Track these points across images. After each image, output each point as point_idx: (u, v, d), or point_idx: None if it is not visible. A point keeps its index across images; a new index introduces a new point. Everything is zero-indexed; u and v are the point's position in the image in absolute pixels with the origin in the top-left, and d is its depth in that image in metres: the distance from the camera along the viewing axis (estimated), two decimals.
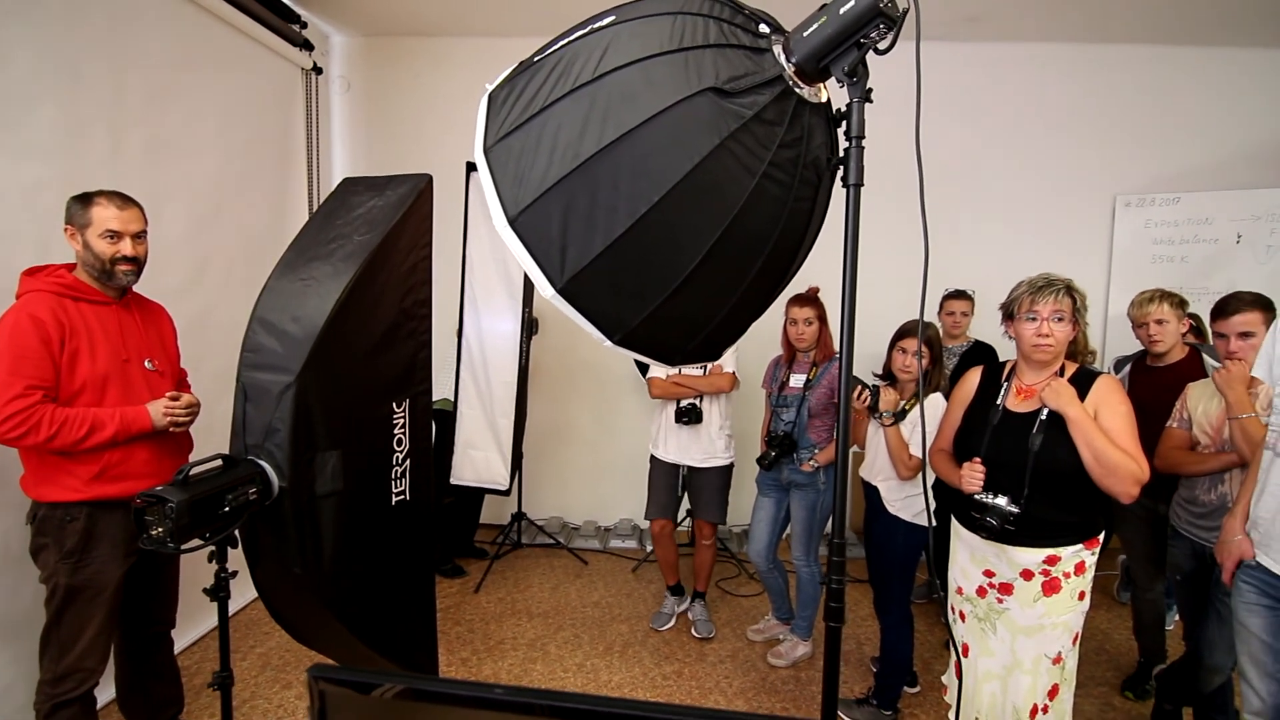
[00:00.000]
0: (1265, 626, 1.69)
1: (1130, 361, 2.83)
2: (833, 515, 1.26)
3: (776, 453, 2.87)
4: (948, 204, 4.37)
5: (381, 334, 1.70)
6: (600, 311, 1.27)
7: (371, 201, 1.76)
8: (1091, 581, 1.85)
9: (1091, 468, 1.71)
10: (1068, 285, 1.81)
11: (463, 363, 3.74)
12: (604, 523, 4.64)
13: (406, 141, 4.31)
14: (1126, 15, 3.98)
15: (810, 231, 1.37)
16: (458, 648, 3.06)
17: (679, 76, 1.16)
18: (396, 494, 1.79)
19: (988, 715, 1.90)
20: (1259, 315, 2.18)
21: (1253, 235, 4.17)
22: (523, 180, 1.21)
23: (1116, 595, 3.71)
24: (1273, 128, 4.41)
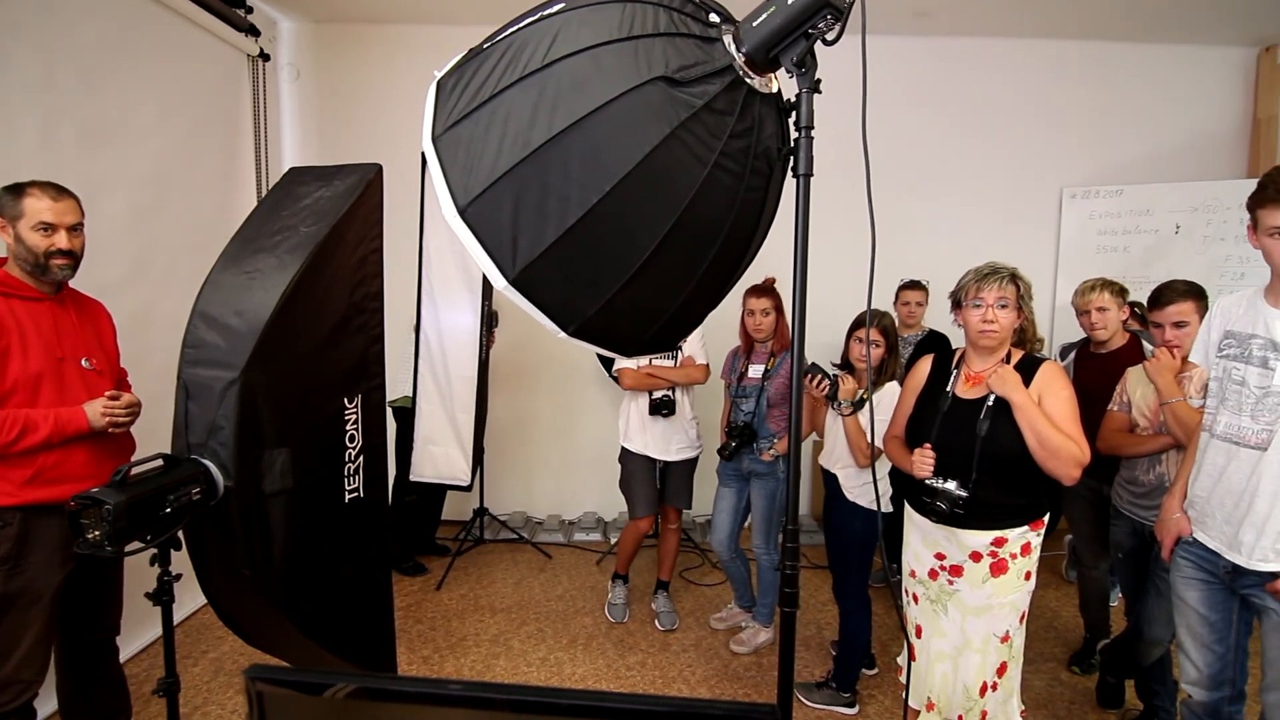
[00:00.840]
0: (1201, 600, 1.77)
1: (1075, 348, 2.92)
2: (786, 503, 1.27)
3: (736, 443, 2.89)
4: (903, 196, 4.45)
5: (331, 328, 1.66)
6: (554, 302, 1.26)
7: (319, 192, 1.71)
8: (1037, 562, 1.91)
9: (1035, 451, 1.76)
10: (1012, 273, 1.86)
11: (421, 358, 3.68)
12: (568, 516, 4.62)
13: (359, 131, 4.20)
14: (1070, 12, 4.10)
15: (763, 222, 1.38)
16: (419, 646, 3.03)
17: (629, 65, 1.15)
18: (350, 491, 1.75)
19: (940, 694, 1.95)
20: (1191, 305, 2.27)
21: (1190, 226, 4.34)
22: (472, 169, 1.19)
23: (1064, 574, 3.84)
24: (1208, 122, 4.60)
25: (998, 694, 1.90)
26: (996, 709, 1.91)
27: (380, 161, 2.16)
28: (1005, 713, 1.92)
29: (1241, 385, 1.65)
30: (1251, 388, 1.62)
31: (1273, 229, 1.55)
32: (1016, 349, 1.93)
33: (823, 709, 2.62)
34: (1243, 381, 1.64)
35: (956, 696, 1.93)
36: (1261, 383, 1.60)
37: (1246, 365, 1.64)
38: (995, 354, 1.90)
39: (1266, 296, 1.66)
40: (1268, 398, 1.59)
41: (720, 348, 3.22)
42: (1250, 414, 1.62)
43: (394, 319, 3.44)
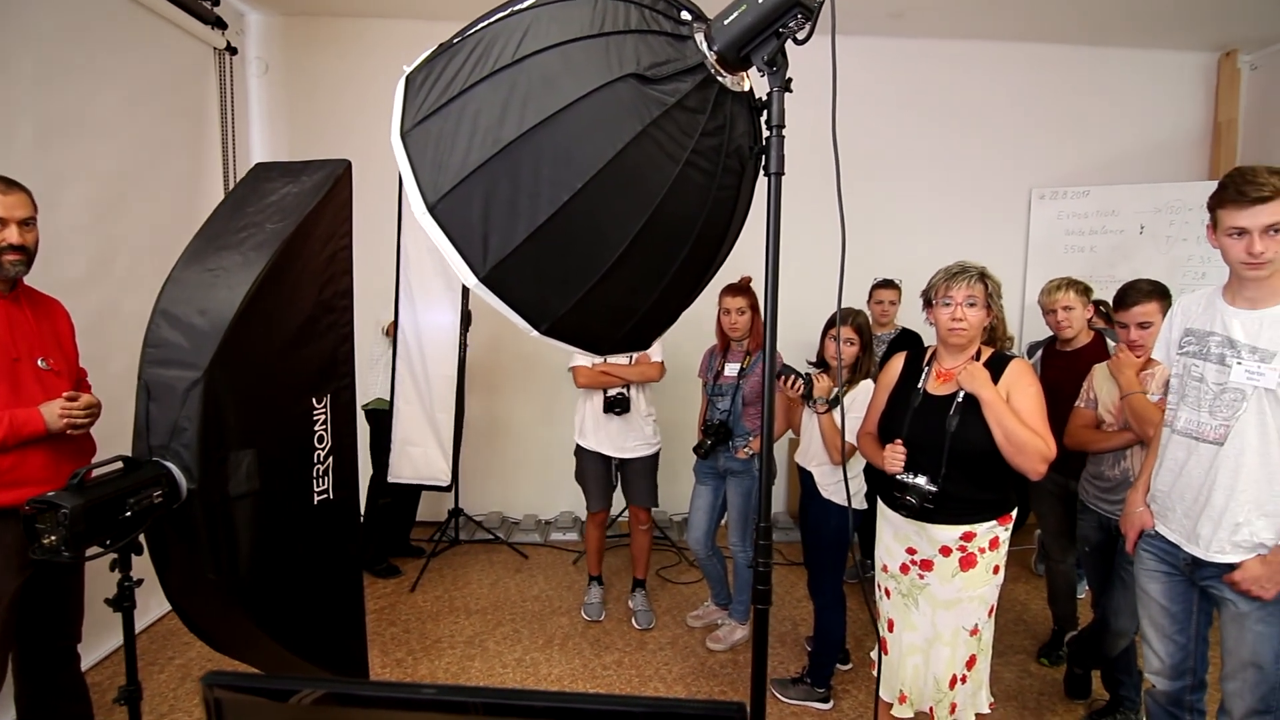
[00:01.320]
0: (1163, 591, 1.81)
1: (1042, 346, 2.98)
2: (759, 500, 1.28)
3: (713, 441, 2.90)
4: (877, 195, 4.49)
5: (298, 327, 1.62)
6: (525, 300, 1.25)
7: (286, 188, 1.67)
8: (1005, 556, 1.94)
9: (1003, 446, 1.79)
10: (981, 272, 1.88)
11: (399, 357, 3.64)
12: (544, 516, 4.60)
13: (331, 126, 4.14)
14: (1039, 17, 4.17)
15: (735, 220, 1.38)
16: (393, 649, 2.99)
17: (600, 61, 1.15)
18: (319, 493, 1.72)
19: (911, 687, 1.98)
20: (1156, 305, 2.32)
21: (1154, 226, 4.45)
22: (442, 166, 1.18)
23: (1033, 568, 3.92)
24: (1171, 126, 4.71)
25: (967, 686, 1.93)
26: (965, 701, 1.94)
27: (352, 158, 2.13)
28: (974, 704, 1.95)
29: (1200, 382, 1.69)
30: (1210, 384, 1.66)
31: (1231, 229, 1.59)
32: (985, 346, 1.96)
33: (798, 704, 2.63)
34: (1201, 378, 1.68)
35: (927, 688, 1.96)
36: (1219, 379, 1.65)
37: (1205, 362, 1.68)
38: (965, 351, 1.93)
39: (1224, 295, 1.70)
40: (1225, 394, 1.63)
41: (696, 347, 3.23)
42: (1209, 410, 1.66)
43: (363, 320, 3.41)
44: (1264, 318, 1.61)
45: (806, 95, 1.68)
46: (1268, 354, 1.58)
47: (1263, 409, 1.58)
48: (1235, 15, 4.10)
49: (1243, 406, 1.60)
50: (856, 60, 4.43)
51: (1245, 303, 1.65)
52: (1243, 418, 1.60)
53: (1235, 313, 1.65)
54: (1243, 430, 1.60)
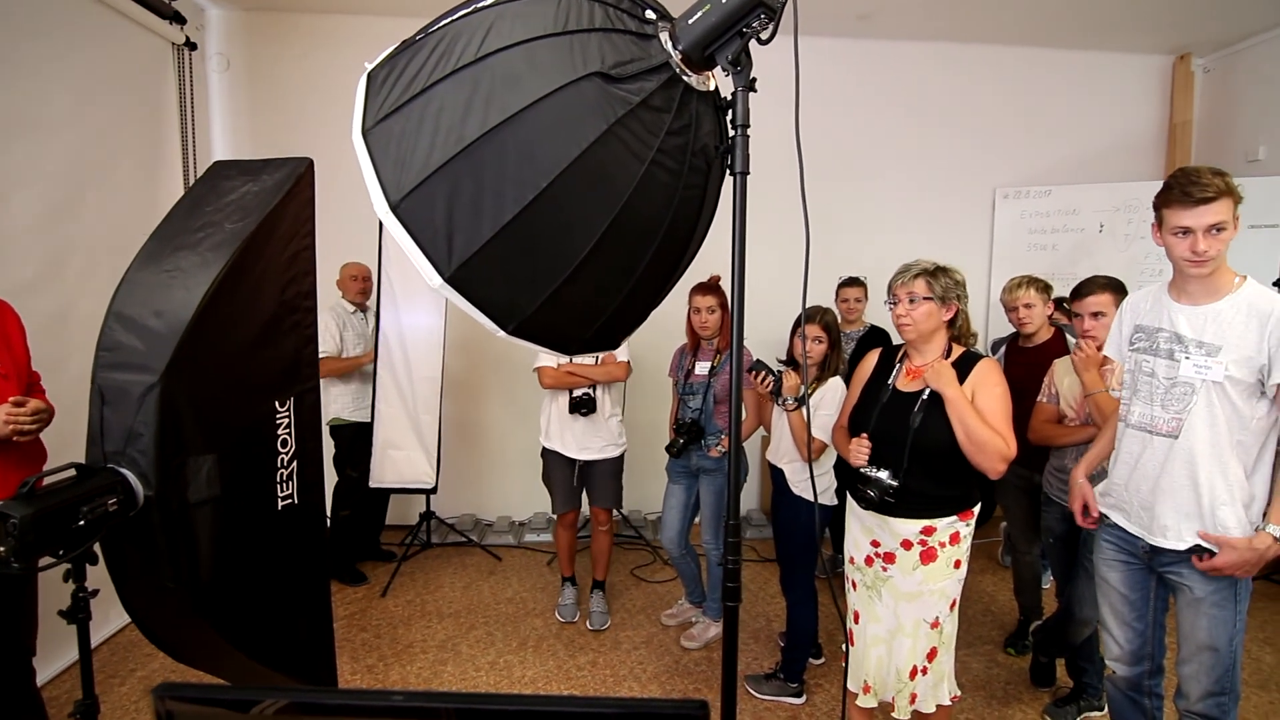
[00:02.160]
0: (1122, 580, 1.86)
1: (1005, 343, 3.04)
2: (727, 498, 1.28)
3: (685, 440, 2.91)
4: (845, 194, 4.55)
5: (260, 328, 1.59)
6: (492, 300, 1.24)
7: (245, 186, 1.64)
8: (968, 551, 1.97)
9: (963, 444, 1.82)
10: (924, 269, 1.91)
11: (380, 361, 3.60)
12: (518, 517, 4.57)
13: (295, 124, 4.07)
14: (1001, 19, 4.26)
15: (702, 219, 1.39)
16: (363, 655, 2.95)
17: (564, 60, 1.14)
18: (283, 498, 1.69)
19: (875, 677, 2.01)
20: (1109, 297, 2.38)
21: (1113, 225, 4.56)
22: (404, 164, 1.16)
23: (1000, 559, 4.00)
24: (1129, 126, 4.84)
25: (928, 678, 1.96)
26: (926, 692, 1.97)
27: (318, 156, 2.09)
28: (935, 696, 1.98)
29: (1152, 376, 1.73)
30: (1160, 378, 1.71)
31: (1176, 228, 1.63)
32: (957, 344, 1.99)
33: (771, 700, 2.65)
34: (1152, 373, 1.73)
35: (889, 679, 1.99)
36: (1169, 374, 1.69)
37: (1155, 357, 1.73)
38: (933, 348, 1.96)
39: (1170, 292, 1.75)
40: (1175, 388, 1.68)
41: (669, 346, 3.23)
42: (1160, 403, 1.71)
43: None
44: (1208, 313, 1.66)
45: (775, 95, 1.69)
46: (1213, 348, 1.63)
47: (1211, 401, 1.63)
48: (1188, 20, 4.23)
49: (1193, 400, 1.65)
50: (825, 61, 4.49)
51: (1190, 299, 1.69)
52: (1194, 411, 1.65)
53: (1181, 309, 1.70)
54: (1194, 423, 1.65)
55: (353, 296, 3.67)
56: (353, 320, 3.66)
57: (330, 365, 3.47)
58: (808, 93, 4.40)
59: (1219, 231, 1.59)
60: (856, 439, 1.95)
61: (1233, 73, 4.59)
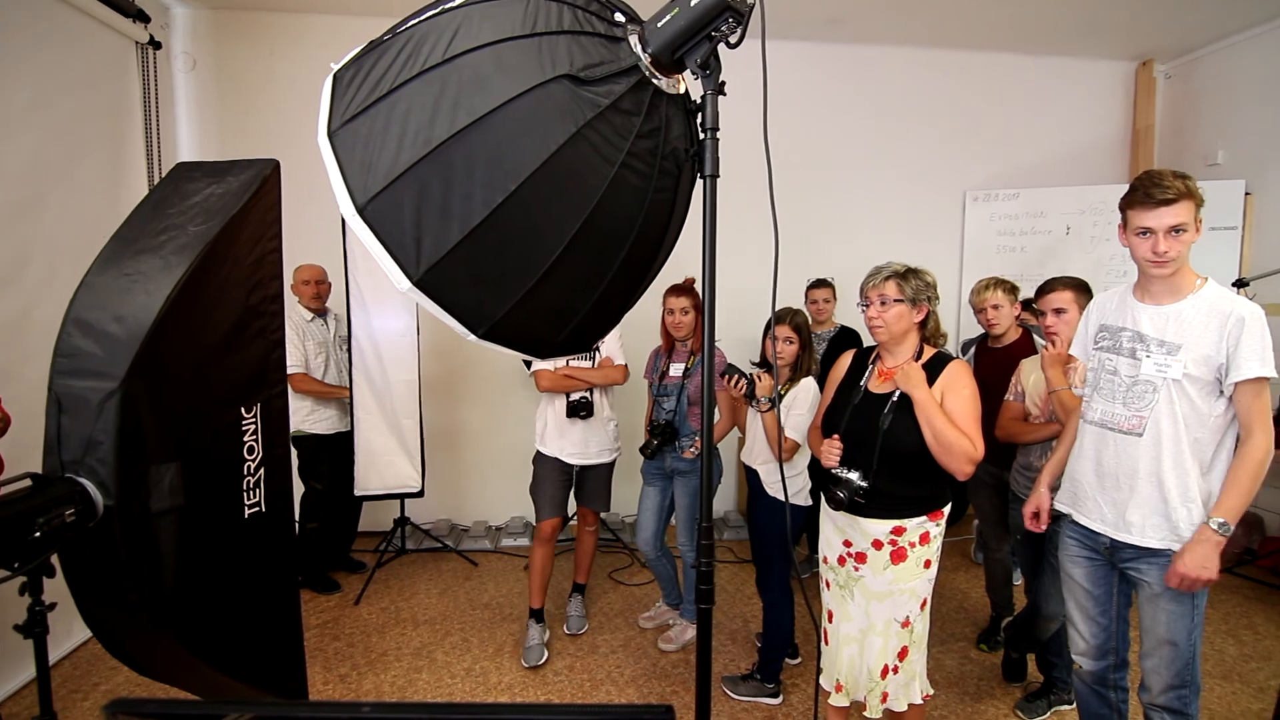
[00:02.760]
0: (1086, 575, 1.90)
1: (975, 343, 3.09)
2: (701, 500, 1.28)
3: (659, 441, 2.91)
4: (819, 197, 4.59)
5: (225, 333, 1.56)
6: (462, 304, 1.23)
7: (209, 189, 1.60)
8: (938, 551, 1.99)
9: (931, 445, 1.85)
10: (895, 271, 1.94)
11: (355, 367, 3.55)
12: (495, 522, 4.54)
13: (263, 125, 4.00)
14: (972, 24, 4.33)
15: (673, 222, 1.39)
16: (336, 664, 2.90)
17: (532, 62, 1.14)
18: (250, 506, 1.65)
19: (847, 676, 2.03)
20: (1070, 294, 2.43)
21: (1079, 227, 4.66)
22: (371, 166, 1.15)
23: (973, 557, 4.05)
24: (1095, 131, 4.96)
25: (899, 677, 1.98)
26: (897, 691, 1.99)
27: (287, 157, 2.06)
28: (906, 695, 2.00)
29: (1114, 375, 1.77)
30: (1122, 377, 1.75)
31: (1139, 229, 1.68)
32: (929, 346, 2.01)
33: (748, 701, 2.66)
34: (1115, 371, 1.77)
35: (861, 678, 2.01)
36: (1131, 372, 1.73)
37: (1118, 356, 1.77)
38: (904, 350, 1.98)
39: (1135, 292, 1.79)
40: (1136, 385, 1.72)
41: (642, 348, 3.23)
42: (1122, 401, 1.75)
43: None
44: (1170, 313, 1.70)
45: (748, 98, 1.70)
46: (1174, 347, 1.67)
47: (1172, 399, 1.67)
48: (1150, 27, 4.34)
49: (1154, 398, 1.69)
50: (797, 65, 4.53)
51: (1153, 299, 1.74)
52: (1156, 408, 1.69)
53: (1144, 308, 1.74)
54: (1157, 420, 1.69)
55: (307, 302, 3.50)
56: (312, 329, 3.51)
57: (308, 386, 3.40)
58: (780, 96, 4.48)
59: (1179, 233, 1.63)
60: (828, 440, 1.97)
61: (1193, 79, 4.72)
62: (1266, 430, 1.61)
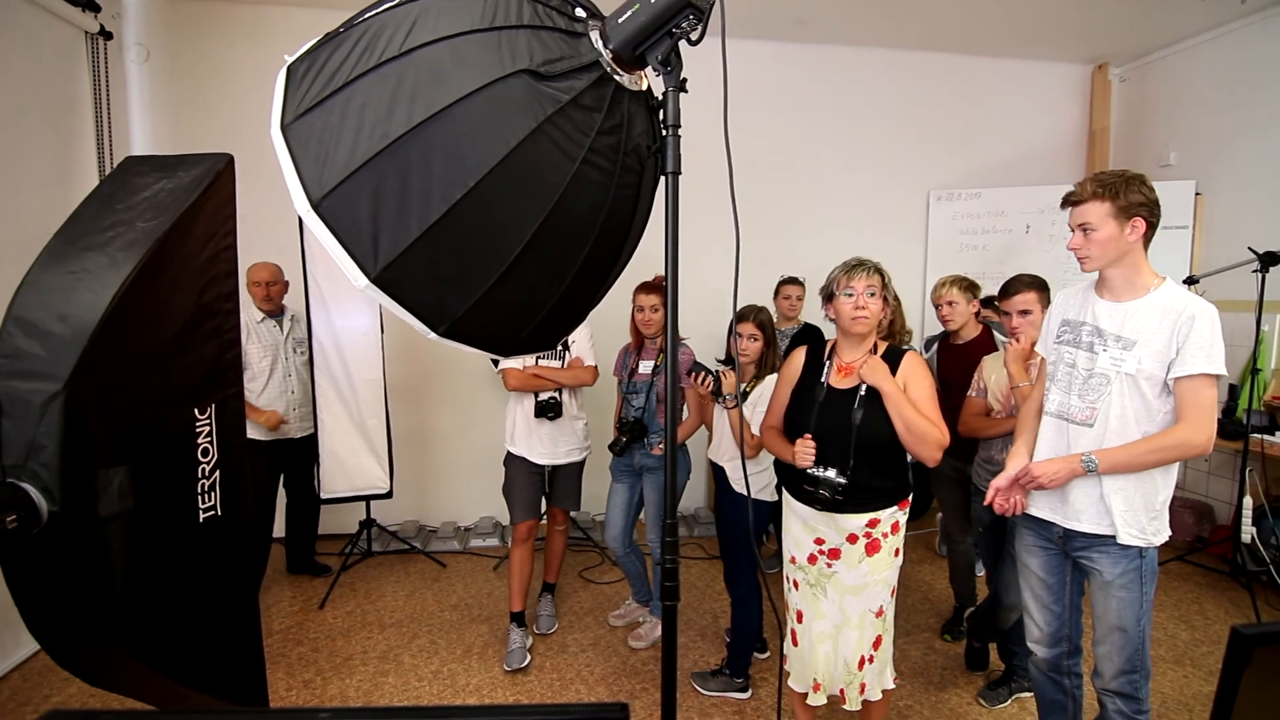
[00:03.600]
0: (1041, 565, 1.95)
1: (937, 340, 3.14)
2: (665, 497, 1.28)
3: (628, 438, 2.91)
4: (786, 195, 4.63)
5: (177, 333, 1.51)
6: (421, 301, 1.21)
7: (159, 184, 1.55)
8: (904, 539, 2.03)
9: (903, 436, 1.88)
10: (877, 265, 1.97)
11: (318, 367, 3.48)
12: (463, 523, 4.49)
13: (220, 119, 3.90)
14: (935, 27, 4.40)
15: (637, 219, 1.38)
16: (300, 669, 2.84)
17: (491, 56, 1.12)
18: (205, 510, 1.61)
19: (824, 673, 2.04)
20: (1035, 295, 2.50)
21: (1039, 226, 4.77)
22: (326, 161, 1.13)
23: (938, 549, 4.13)
24: (1053, 131, 5.08)
25: (874, 666, 2.01)
26: (873, 679, 2.02)
27: (245, 152, 2.01)
28: (880, 682, 2.04)
29: (1072, 368, 1.82)
30: (1080, 369, 1.80)
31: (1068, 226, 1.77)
32: (882, 341, 2.04)
33: (717, 696, 2.68)
34: (1073, 364, 1.82)
35: (837, 673, 2.03)
36: (1088, 365, 1.78)
37: (1077, 349, 1.82)
38: (865, 344, 2.00)
39: (1096, 288, 1.85)
40: (1092, 378, 1.77)
41: (613, 345, 3.23)
42: (1077, 393, 1.80)
43: None
44: (1128, 309, 1.75)
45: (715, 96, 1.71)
46: (1130, 342, 1.72)
47: (1123, 392, 1.72)
48: (1104, 31, 4.46)
49: (1108, 390, 1.74)
50: (765, 64, 4.56)
51: (1113, 295, 1.79)
52: (1108, 400, 1.74)
53: (1104, 304, 1.80)
54: (1106, 411, 1.74)
55: (259, 303, 3.38)
56: (260, 330, 3.38)
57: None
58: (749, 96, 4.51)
59: (1088, 231, 1.73)
60: (801, 440, 1.96)
61: (1146, 82, 4.86)
62: (1196, 425, 1.66)
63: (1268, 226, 3.89)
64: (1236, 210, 4.19)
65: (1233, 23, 4.15)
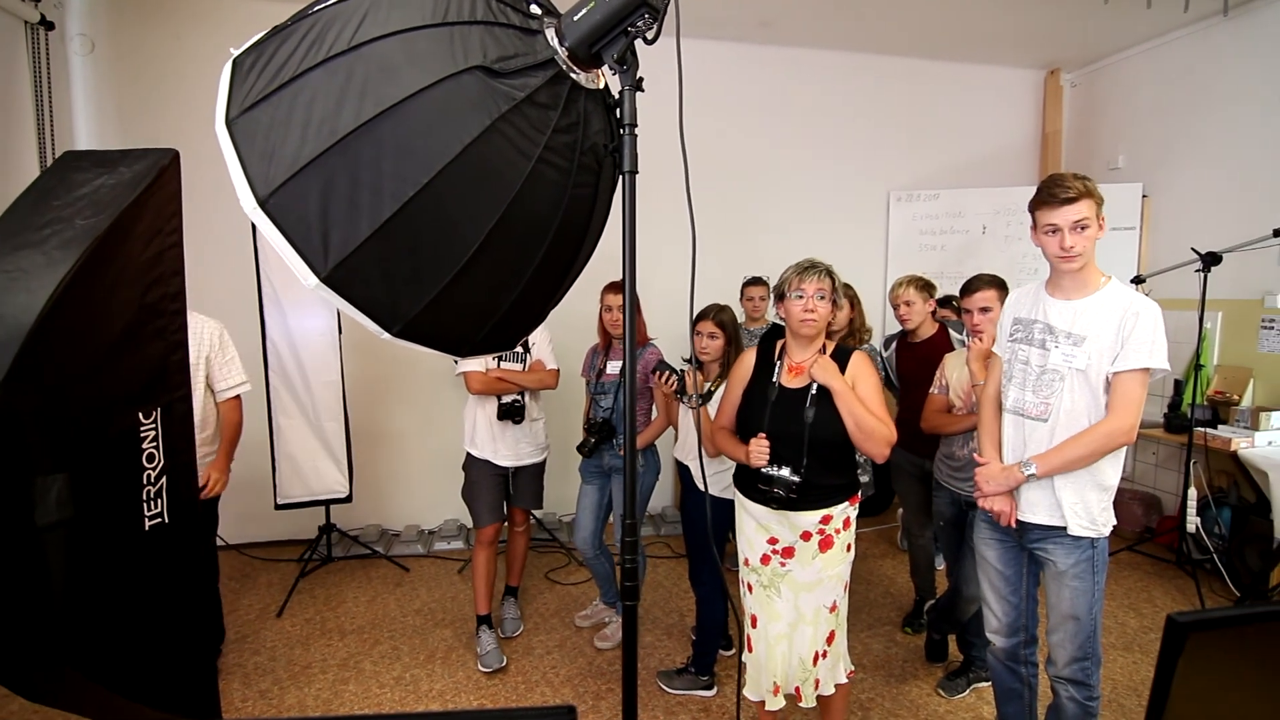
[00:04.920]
0: (998, 557, 2.00)
1: (896, 339, 3.20)
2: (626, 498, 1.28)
3: (596, 439, 2.90)
4: (751, 195, 4.67)
5: (119, 334, 1.45)
6: (374, 301, 1.18)
7: (100, 180, 1.49)
8: (855, 534, 2.06)
9: (853, 433, 1.91)
10: (829, 268, 2.00)
11: (271, 369, 3.39)
12: (427, 526, 4.43)
13: (168, 113, 3.77)
14: (895, 31, 4.48)
15: (595, 218, 1.37)
16: (256, 679, 2.77)
17: (444, 52, 1.11)
18: (151, 517, 1.55)
19: (781, 674, 2.05)
20: (995, 293, 2.55)
21: (995, 227, 4.89)
22: (273, 157, 1.10)
23: (899, 544, 4.20)
24: (1008, 135, 5.21)
25: (828, 660, 2.04)
26: (827, 674, 2.05)
27: (194, 147, 1.96)
28: (834, 676, 2.07)
29: (1026, 364, 1.87)
30: (1033, 366, 1.85)
31: (1046, 227, 1.78)
32: (844, 340, 2.07)
33: (683, 694, 2.68)
34: (1027, 361, 1.87)
35: (794, 671, 2.05)
36: (1040, 361, 1.83)
37: (1030, 347, 1.87)
38: (814, 343, 2.03)
39: (1047, 287, 1.90)
40: (1045, 374, 1.82)
41: (580, 346, 3.21)
42: (1032, 389, 1.84)
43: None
44: (1078, 307, 1.80)
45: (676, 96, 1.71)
46: (1079, 339, 1.78)
47: (1074, 387, 1.78)
48: (1056, 38, 4.59)
49: (1060, 386, 1.79)
50: (729, 66, 4.59)
51: (1063, 294, 1.84)
52: (1060, 396, 1.79)
53: (1054, 303, 1.85)
54: (1059, 406, 1.79)
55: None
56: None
57: None
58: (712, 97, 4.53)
59: (1083, 229, 1.74)
60: (755, 440, 1.98)
61: (1096, 88, 5.01)
62: (1121, 417, 1.72)
63: (1210, 228, 4.04)
64: (1181, 212, 4.35)
65: (1176, 31, 4.31)
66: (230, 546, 3.97)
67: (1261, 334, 3.86)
